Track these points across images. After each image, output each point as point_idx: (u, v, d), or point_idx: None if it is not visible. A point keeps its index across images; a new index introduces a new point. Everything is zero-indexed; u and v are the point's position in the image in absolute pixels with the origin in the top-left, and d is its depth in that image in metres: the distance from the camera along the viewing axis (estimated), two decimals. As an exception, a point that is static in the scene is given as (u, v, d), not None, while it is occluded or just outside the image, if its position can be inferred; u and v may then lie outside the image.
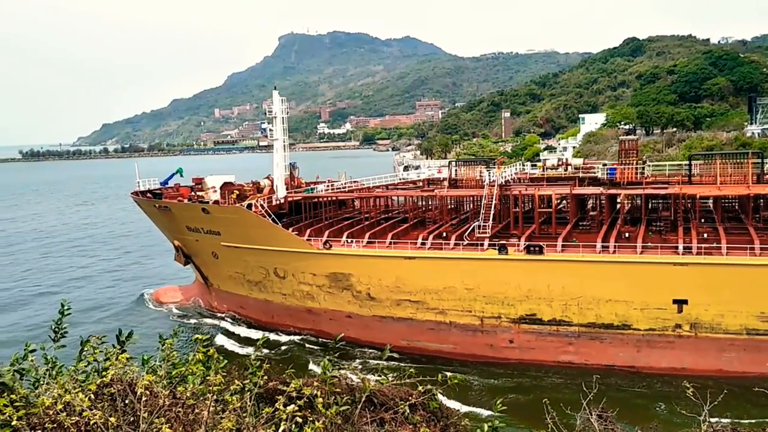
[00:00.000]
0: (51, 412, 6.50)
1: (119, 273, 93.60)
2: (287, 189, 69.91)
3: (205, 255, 69.08)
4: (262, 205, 62.87)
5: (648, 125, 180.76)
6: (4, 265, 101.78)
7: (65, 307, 8.89)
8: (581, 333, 51.21)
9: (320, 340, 59.51)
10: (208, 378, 7.82)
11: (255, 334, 62.26)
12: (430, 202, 73.01)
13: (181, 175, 76.16)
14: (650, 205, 65.04)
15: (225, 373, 8.17)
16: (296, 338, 60.92)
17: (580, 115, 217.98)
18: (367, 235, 60.03)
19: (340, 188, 70.18)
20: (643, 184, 58.32)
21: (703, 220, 58.82)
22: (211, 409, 7.09)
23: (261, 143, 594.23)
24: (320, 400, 7.92)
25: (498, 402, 8.95)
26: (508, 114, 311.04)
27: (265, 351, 53.56)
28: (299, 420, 7.27)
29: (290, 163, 73.75)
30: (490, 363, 52.45)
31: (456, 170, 69.30)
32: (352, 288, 58.39)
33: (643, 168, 60.33)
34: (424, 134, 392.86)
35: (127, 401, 6.91)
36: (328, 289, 59.56)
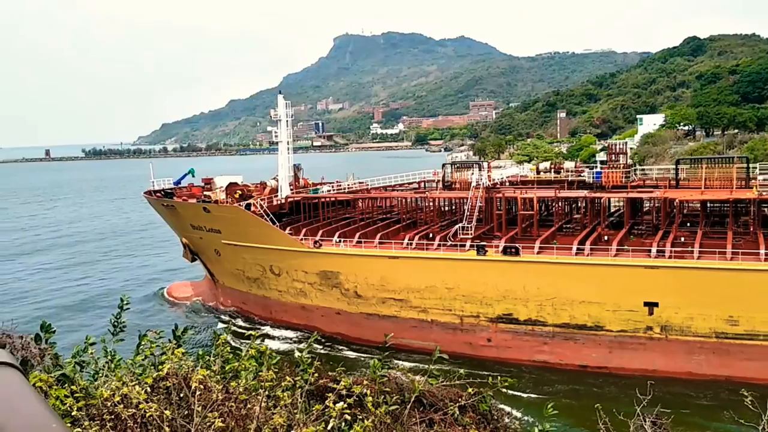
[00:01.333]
0: (109, 404, 6.63)
1: (143, 269, 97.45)
2: (292, 189, 72.74)
3: (209, 252, 71.97)
4: (261, 205, 65.20)
5: (708, 126, 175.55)
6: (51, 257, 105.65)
7: (124, 302, 9.15)
8: (556, 333, 52.61)
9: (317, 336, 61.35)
10: (260, 374, 7.93)
11: (258, 330, 63.55)
12: (422, 204, 74.21)
13: (193, 176, 79.93)
14: (641, 209, 66.38)
15: (277, 370, 8.27)
16: (297, 334, 62.73)
17: (637, 116, 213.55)
18: (358, 235, 61.82)
19: (339, 190, 72.75)
20: (628, 188, 59.28)
21: (689, 224, 59.44)
22: (263, 404, 7.16)
23: (315, 143, 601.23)
24: (370, 398, 7.95)
25: (549, 406, 8.83)
26: (563, 114, 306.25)
27: (274, 346, 54.57)
28: (348, 418, 7.32)
29: (294, 165, 76.63)
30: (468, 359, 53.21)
31: (451, 173, 71.09)
32: (340, 286, 60.58)
33: (629, 172, 61.11)
34: (478, 134, 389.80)
35: (181, 395, 7.03)
36: (319, 287, 61.85)
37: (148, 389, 6.98)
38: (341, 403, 7.32)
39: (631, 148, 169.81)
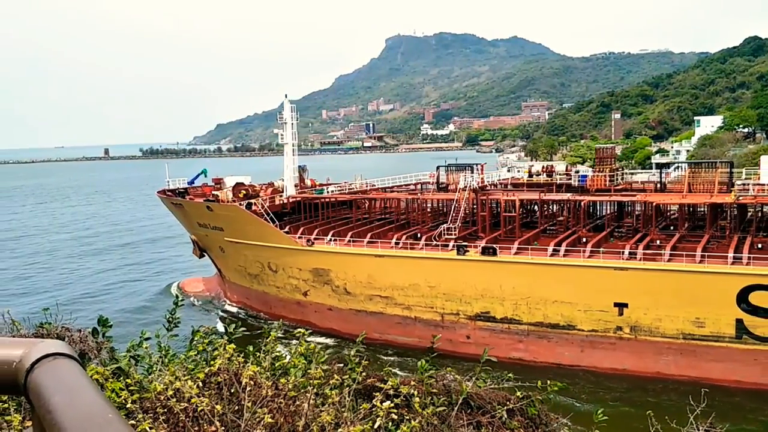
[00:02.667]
0: (162, 398, 6.79)
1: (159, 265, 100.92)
2: (297, 189, 75.78)
3: (215, 249, 74.88)
4: (262, 204, 67.77)
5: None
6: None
7: (179, 299, 9.37)
8: (530, 331, 53.95)
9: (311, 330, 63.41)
10: (308, 372, 8.02)
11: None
12: (414, 205, 75.46)
13: (206, 176, 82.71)
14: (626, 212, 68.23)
15: (325, 368, 8.35)
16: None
17: (695, 118, 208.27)
18: (350, 234, 63.58)
19: (341, 191, 75.59)
20: (612, 192, 61.67)
21: (672, 227, 60.64)
22: (311, 401, 7.25)
23: (365, 144, 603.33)
24: (417, 399, 7.96)
25: (599, 412, 8.70)
26: (618, 115, 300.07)
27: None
28: (395, 417, 7.33)
29: (300, 166, 79.29)
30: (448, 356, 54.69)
31: (446, 175, 73.48)
32: (331, 283, 62.69)
33: (614, 175, 63.16)
34: (530, 135, 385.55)
35: (232, 390, 7.16)
36: (312, 283, 63.95)
37: (200, 384, 7.12)
38: (388, 402, 7.34)
39: (687, 151, 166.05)
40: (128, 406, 6.44)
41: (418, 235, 62.78)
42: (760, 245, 50.23)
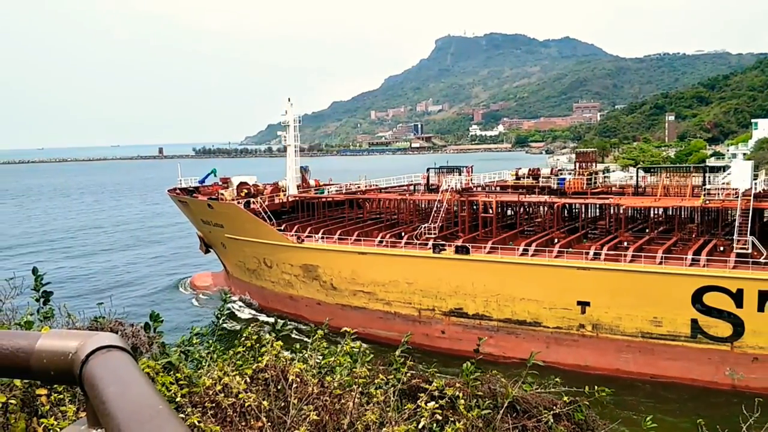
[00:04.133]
0: (210, 393, 6.92)
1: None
2: (300, 189, 79.53)
3: (218, 245, 78.40)
4: (260, 203, 70.95)
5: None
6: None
7: (227, 296, 9.55)
8: (500, 327, 56.04)
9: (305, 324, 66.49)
10: (354, 370, 8.07)
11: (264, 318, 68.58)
12: (402, 205, 77.69)
13: (215, 176, 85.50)
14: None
15: (370, 367, 8.39)
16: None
17: (752, 120, 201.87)
18: (339, 232, 66.32)
19: (338, 191, 79.41)
20: (588, 194, 63.51)
21: (648, 230, 62.50)
22: (356, 400, 7.29)
23: (413, 145, 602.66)
24: (462, 401, 7.94)
25: (648, 419, 8.52)
26: (672, 117, 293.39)
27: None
28: (439, 418, 7.32)
29: (302, 167, 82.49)
30: (426, 350, 55.85)
31: (436, 177, 75.91)
32: (319, 278, 65.37)
33: (592, 178, 65.06)
34: (581, 137, 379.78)
35: (279, 387, 7.26)
36: (302, 279, 66.77)
37: (248, 380, 7.23)
38: (432, 402, 7.34)
39: (744, 154, 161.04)
40: (178, 399, 6.58)
41: (402, 234, 65.24)
42: (722, 248, 51.65)
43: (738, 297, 47.05)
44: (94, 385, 2.26)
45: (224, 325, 10.04)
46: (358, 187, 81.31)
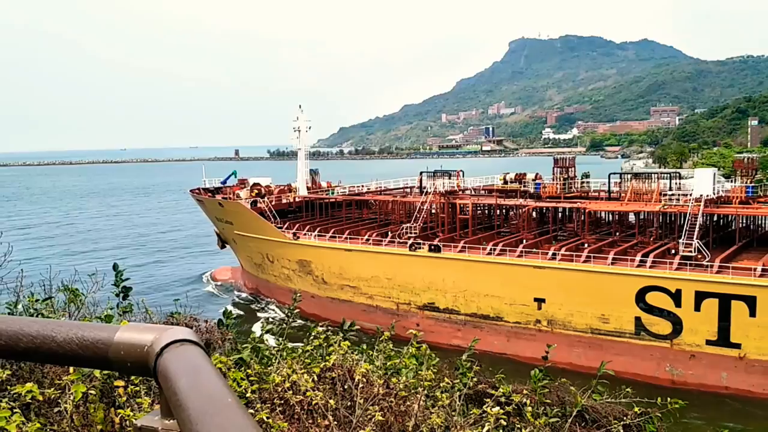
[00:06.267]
0: (279, 389, 7.06)
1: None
2: (309, 190, 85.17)
3: (231, 241, 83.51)
4: (267, 203, 76.34)
5: None
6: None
7: (298, 295, 9.73)
8: (467, 321, 59.80)
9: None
10: (419, 373, 8.08)
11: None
12: (394, 207, 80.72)
13: (236, 177, 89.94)
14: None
15: (436, 371, 8.39)
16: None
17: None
18: (332, 230, 70.70)
19: (343, 192, 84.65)
20: (561, 198, 66.69)
21: (618, 233, 64.79)
22: (422, 403, 7.30)
23: (484, 148, 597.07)
24: (529, 408, 7.86)
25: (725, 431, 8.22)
26: (755, 122, 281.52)
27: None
28: (504, 423, 7.25)
29: (311, 170, 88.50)
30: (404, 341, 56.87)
31: (428, 180, 77.49)
32: (312, 273, 69.94)
33: (566, 184, 68.06)
34: (658, 141, 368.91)
35: (345, 386, 7.34)
36: (299, 273, 71.42)
37: (315, 378, 7.34)
38: (498, 408, 7.28)
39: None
40: (248, 395, 6.72)
41: (388, 233, 68.96)
42: (673, 251, 53.96)
43: (677, 297, 49.93)
44: (168, 377, 2.35)
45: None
46: (362, 188, 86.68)
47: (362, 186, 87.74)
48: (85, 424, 5.58)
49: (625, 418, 8.38)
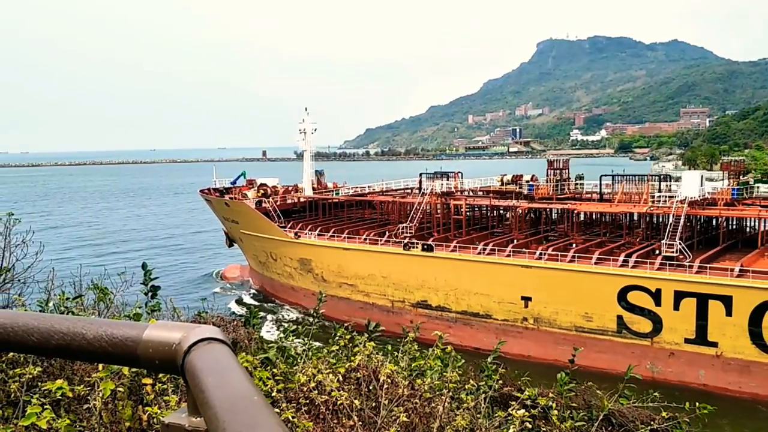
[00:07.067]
0: (305, 389, 7.09)
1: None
2: (314, 191, 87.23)
3: (238, 240, 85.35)
4: (271, 203, 78.54)
5: None
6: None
7: (323, 295, 9.78)
8: (457, 319, 61.42)
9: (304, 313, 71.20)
10: (444, 374, 8.07)
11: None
12: (392, 207, 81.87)
13: (245, 177, 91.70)
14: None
15: (461, 373, 8.36)
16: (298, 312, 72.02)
17: None
18: (332, 230, 72.37)
19: (346, 193, 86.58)
20: (554, 200, 68.31)
21: (607, 234, 65.94)
22: (446, 405, 7.29)
23: (511, 149, 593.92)
24: (555, 412, 7.81)
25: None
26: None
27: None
28: (529, 426, 7.21)
29: (316, 171, 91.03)
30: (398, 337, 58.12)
31: (428, 181, 78.80)
32: (312, 271, 71.89)
33: (559, 185, 69.76)
34: (688, 143, 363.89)
35: (370, 387, 7.36)
36: (300, 271, 73.33)
37: (341, 378, 7.36)
38: (523, 411, 7.24)
39: None
40: (274, 394, 6.77)
41: (386, 233, 70.52)
42: (657, 251, 54.93)
43: (657, 296, 51.27)
44: (195, 374, 2.36)
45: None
46: (365, 189, 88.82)
47: (366, 187, 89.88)
48: (113, 421, 5.68)
49: (652, 422, 8.29)
